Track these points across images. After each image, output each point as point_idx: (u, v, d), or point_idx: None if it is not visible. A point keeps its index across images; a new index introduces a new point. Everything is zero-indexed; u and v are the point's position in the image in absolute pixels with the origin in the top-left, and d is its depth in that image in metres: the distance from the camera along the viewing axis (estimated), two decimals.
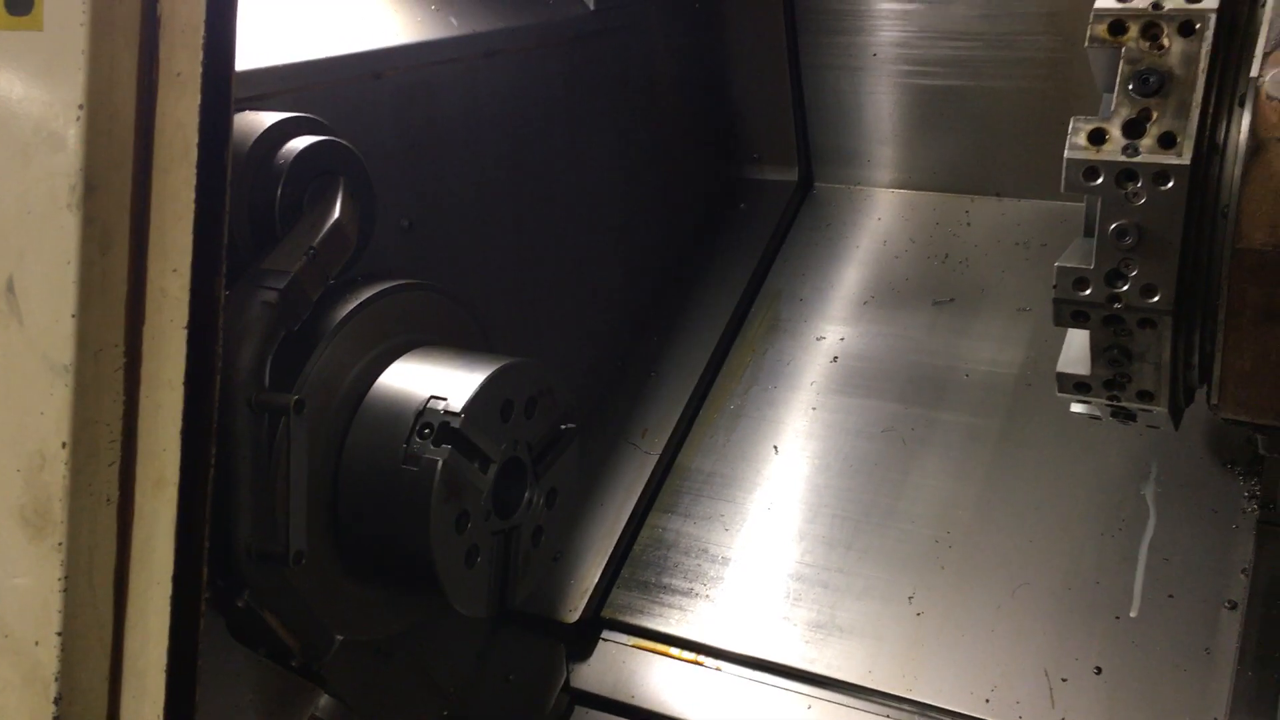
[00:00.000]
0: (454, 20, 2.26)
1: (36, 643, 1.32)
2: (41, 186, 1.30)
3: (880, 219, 3.05)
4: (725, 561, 2.47)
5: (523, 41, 2.43)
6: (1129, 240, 1.61)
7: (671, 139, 3.03)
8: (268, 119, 1.71)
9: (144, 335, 1.35)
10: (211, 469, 1.38)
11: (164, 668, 1.35)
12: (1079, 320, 1.72)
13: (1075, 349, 1.84)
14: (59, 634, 1.31)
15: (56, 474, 1.30)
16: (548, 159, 2.55)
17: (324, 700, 1.82)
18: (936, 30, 2.83)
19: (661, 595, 2.45)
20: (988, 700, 2.12)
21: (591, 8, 2.66)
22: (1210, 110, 1.60)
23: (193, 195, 1.33)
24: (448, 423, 1.77)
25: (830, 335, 2.83)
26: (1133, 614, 2.15)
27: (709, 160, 3.20)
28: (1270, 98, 1.51)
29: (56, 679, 1.31)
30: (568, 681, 2.39)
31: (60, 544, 1.31)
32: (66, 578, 1.31)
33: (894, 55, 2.92)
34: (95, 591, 1.34)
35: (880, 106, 3.01)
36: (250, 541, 1.62)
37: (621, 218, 2.86)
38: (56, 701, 1.31)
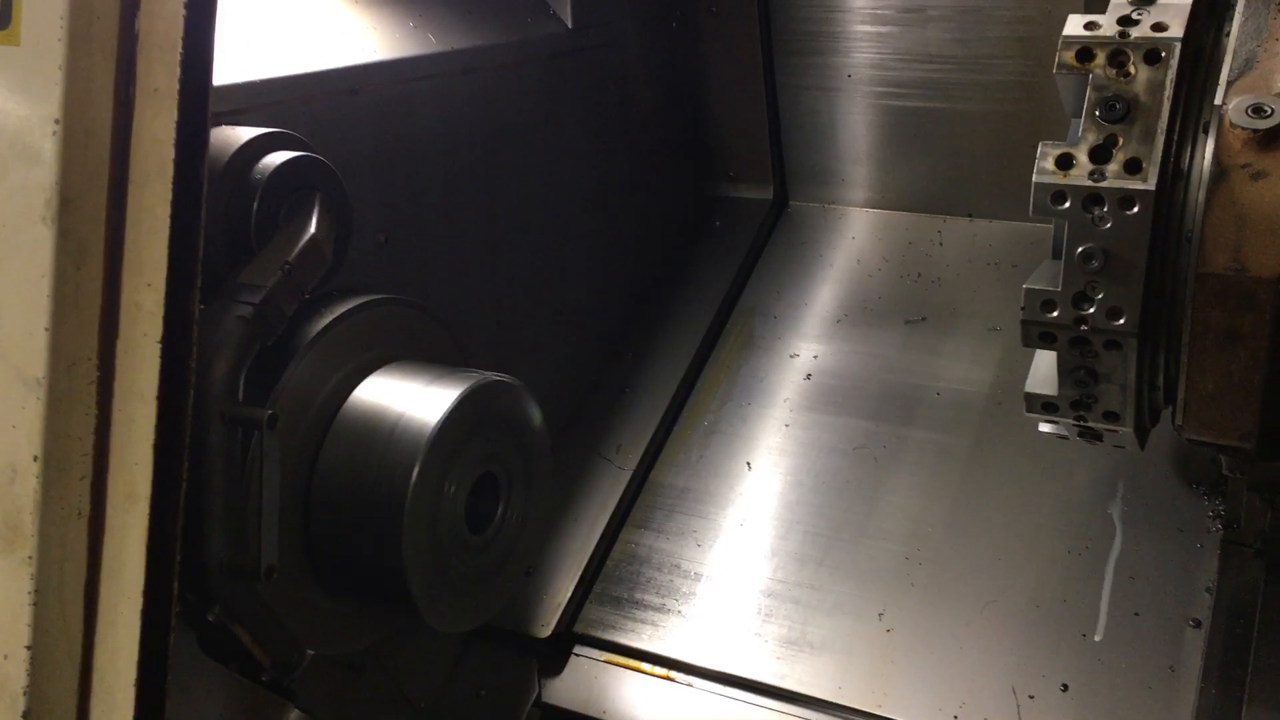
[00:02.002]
0: (432, 37, 2.27)
1: (5, 656, 1.31)
2: (16, 200, 1.30)
3: (854, 238, 3.08)
4: (698, 577, 2.48)
5: (500, 59, 2.45)
6: (1095, 263, 1.64)
7: (647, 156, 3.05)
8: (244, 134, 1.71)
9: (117, 349, 1.34)
10: (184, 483, 1.38)
11: (133, 682, 1.34)
12: (1046, 341, 1.74)
13: (1043, 369, 1.86)
14: (28, 648, 1.30)
15: (28, 487, 1.30)
16: (524, 176, 2.56)
17: (294, 715, 1.82)
18: (910, 53, 2.86)
19: (634, 611, 2.46)
20: (956, 716, 2.14)
21: (569, 26, 2.67)
22: (1175, 137, 1.63)
23: (168, 210, 1.33)
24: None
25: (804, 353, 2.85)
26: (1099, 632, 2.18)
27: (684, 178, 3.21)
28: (1234, 125, 1.54)
29: (25, 693, 1.31)
30: (539, 697, 2.39)
31: (30, 557, 1.30)
32: (36, 591, 1.31)
33: (868, 77, 2.95)
34: (65, 605, 1.33)
35: (854, 127, 3.04)
36: (221, 556, 1.62)
37: (597, 234, 2.87)
38: (25, 716, 1.31)
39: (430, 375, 1.89)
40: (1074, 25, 1.70)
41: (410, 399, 1.83)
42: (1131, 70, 1.64)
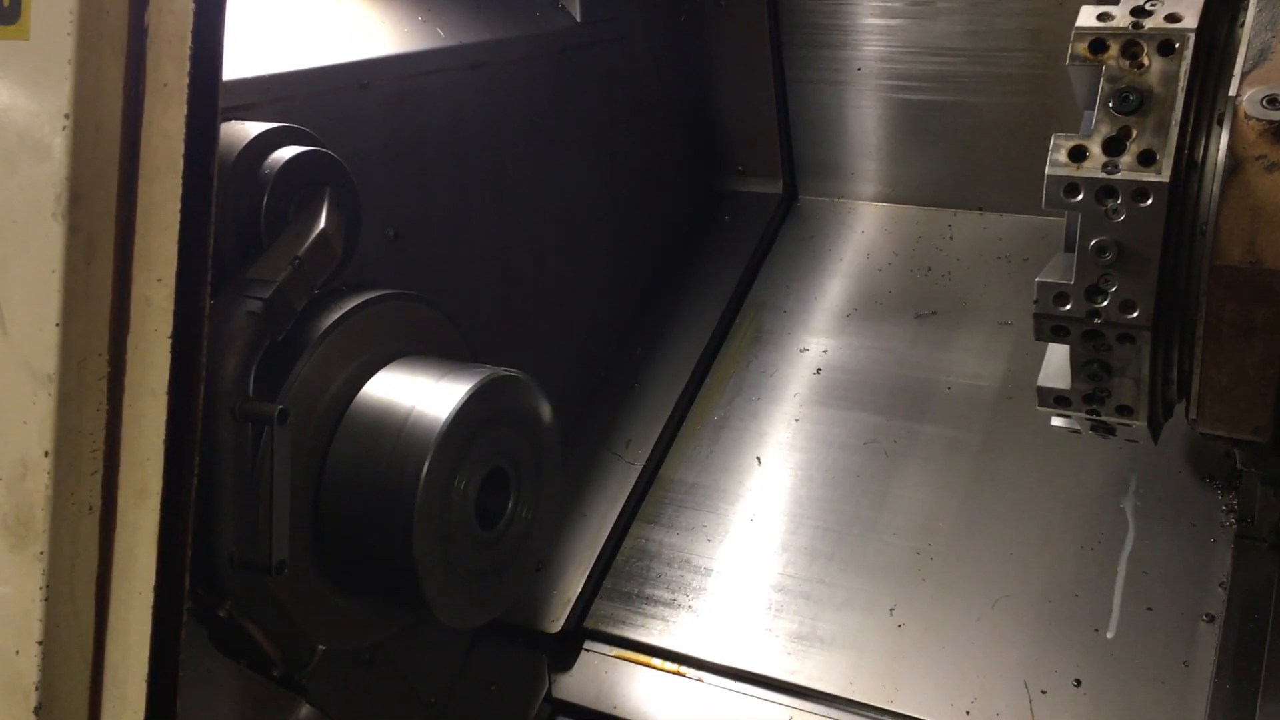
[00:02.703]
0: (441, 31, 2.27)
1: (17, 652, 1.31)
2: (27, 195, 1.30)
3: (864, 232, 3.06)
4: (708, 572, 2.48)
5: (509, 53, 2.44)
6: (1109, 256, 1.63)
7: (656, 151, 3.04)
8: (254, 129, 1.71)
9: (128, 344, 1.34)
10: (195, 478, 1.38)
11: (145, 677, 1.34)
12: (1059, 335, 1.73)
13: (1055, 363, 1.86)
14: (40, 643, 1.31)
15: (39, 483, 1.30)
16: (533, 170, 2.55)
17: (305, 710, 1.82)
18: (920, 45, 2.85)
19: (644, 606, 2.45)
20: (968, 712, 2.13)
21: (578, 20, 2.67)
22: (1189, 128, 1.61)
23: (178, 205, 1.33)
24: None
25: (813, 347, 2.84)
26: (1111, 627, 2.17)
27: (693, 172, 3.21)
28: (1248, 116, 1.53)
29: (37, 689, 1.31)
30: (550, 692, 2.38)
31: (42, 553, 1.30)
32: (48, 587, 1.31)
33: (878, 70, 2.94)
34: (77, 601, 1.34)
35: (864, 120, 3.03)
36: (233, 551, 1.62)
37: (606, 228, 2.87)
38: (37, 711, 1.31)
39: (440, 370, 1.88)
40: (1087, 16, 1.69)
41: (420, 394, 1.83)
42: (1145, 61, 1.63)
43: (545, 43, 2.57)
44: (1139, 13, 1.66)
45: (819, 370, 2.79)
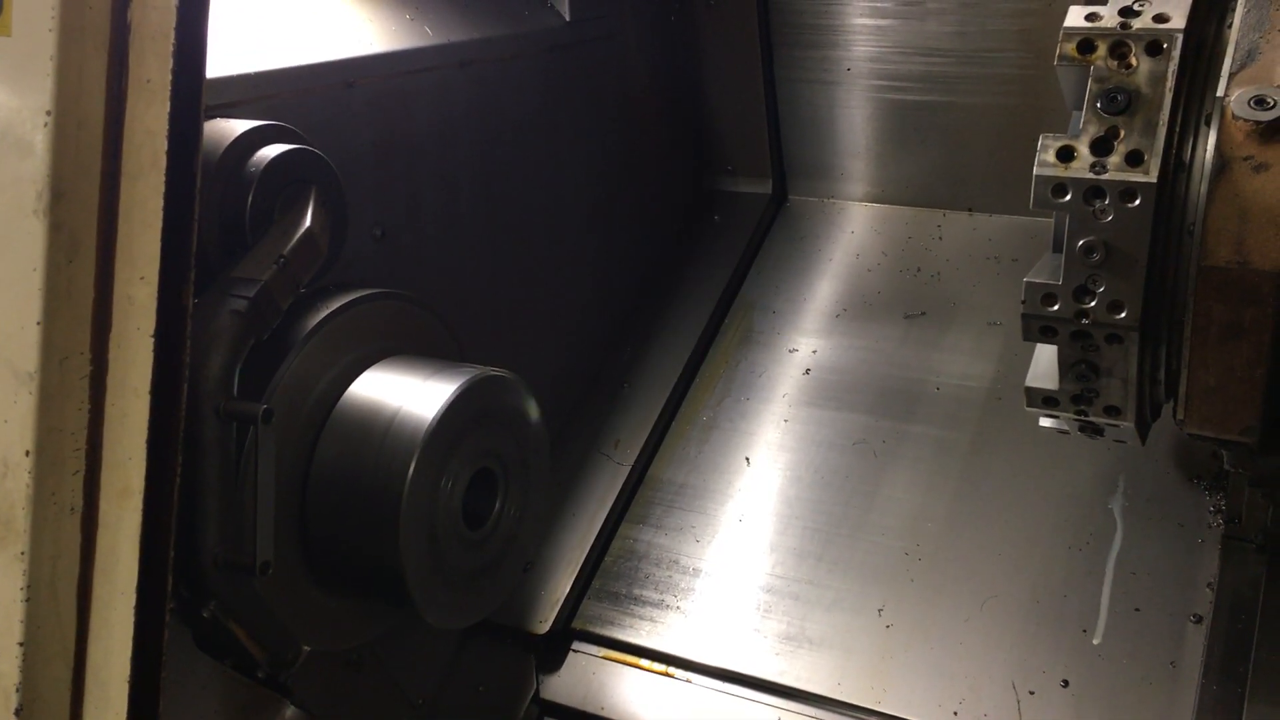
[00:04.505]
0: (429, 29, 2.26)
1: None
2: (8, 193, 1.29)
3: (853, 232, 3.06)
4: (696, 573, 2.47)
5: (498, 52, 2.43)
6: (1096, 256, 1.63)
7: (646, 151, 3.04)
8: (239, 127, 1.70)
9: (110, 343, 1.34)
10: (178, 478, 1.37)
11: (127, 679, 1.33)
12: (1047, 335, 1.73)
13: (1044, 364, 1.85)
14: (21, 644, 1.30)
15: (20, 482, 1.29)
16: (522, 170, 2.55)
17: (290, 712, 1.81)
18: (910, 46, 2.85)
19: (632, 607, 2.45)
20: (955, 713, 2.13)
21: (567, 19, 2.66)
22: (1177, 129, 1.61)
23: (161, 203, 1.32)
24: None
25: (803, 347, 2.84)
26: (1099, 628, 2.17)
27: (683, 172, 3.20)
28: (1236, 117, 1.53)
29: (18, 690, 1.30)
30: (537, 693, 2.38)
31: (23, 553, 1.29)
32: (29, 587, 1.30)
33: (868, 70, 2.94)
34: (58, 601, 1.33)
35: (854, 121, 3.03)
36: (217, 552, 1.61)
37: (595, 228, 2.86)
38: (18, 713, 1.30)
39: (427, 370, 1.87)
40: (1075, 17, 1.69)
41: (407, 394, 1.82)
42: (1133, 62, 1.63)
43: (534, 41, 2.57)
44: (1127, 13, 1.66)
45: (808, 370, 2.79)
